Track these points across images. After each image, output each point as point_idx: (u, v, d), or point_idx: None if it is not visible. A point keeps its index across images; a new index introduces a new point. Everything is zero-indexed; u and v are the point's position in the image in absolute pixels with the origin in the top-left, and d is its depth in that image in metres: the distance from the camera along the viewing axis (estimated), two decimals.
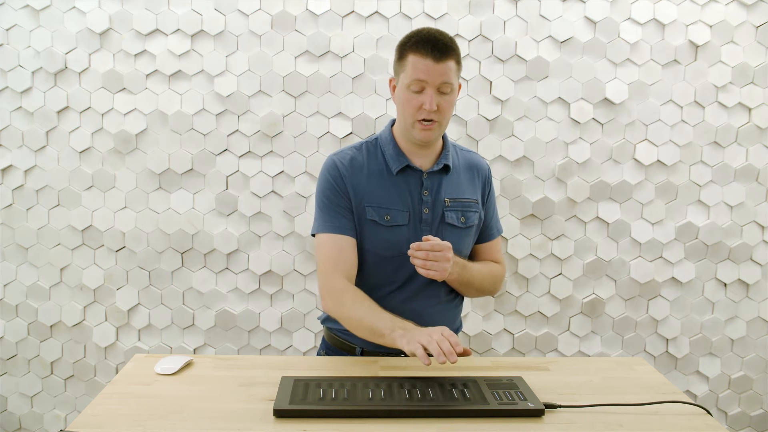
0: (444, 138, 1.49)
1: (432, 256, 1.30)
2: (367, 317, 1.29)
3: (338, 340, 1.51)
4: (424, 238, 1.31)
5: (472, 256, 1.58)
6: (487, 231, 1.55)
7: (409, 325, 1.25)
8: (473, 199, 1.48)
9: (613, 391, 1.20)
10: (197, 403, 1.11)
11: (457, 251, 1.42)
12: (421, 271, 1.32)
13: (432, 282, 1.42)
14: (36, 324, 2.24)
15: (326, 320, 1.54)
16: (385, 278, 1.43)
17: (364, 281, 1.43)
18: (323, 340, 1.58)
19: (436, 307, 1.46)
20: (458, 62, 1.37)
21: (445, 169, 1.45)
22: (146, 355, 1.34)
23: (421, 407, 1.07)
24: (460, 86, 1.43)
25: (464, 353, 1.17)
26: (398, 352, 1.42)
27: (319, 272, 1.40)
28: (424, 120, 1.35)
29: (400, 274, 1.42)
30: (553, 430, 1.03)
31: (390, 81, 1.43)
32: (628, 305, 2.26)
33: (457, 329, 1.56)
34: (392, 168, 1.42)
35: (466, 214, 1.45)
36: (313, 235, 1.44)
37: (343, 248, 1.38)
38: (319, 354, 1.58)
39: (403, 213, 1.41)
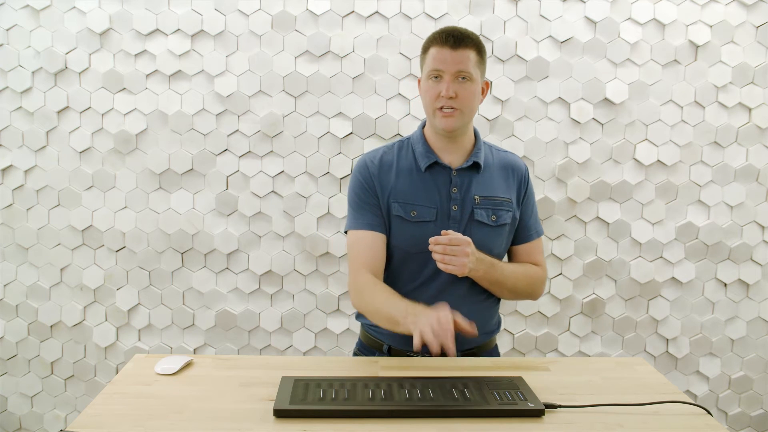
0: (476, 136, 1.49)
1: (450, 250, 1.30)
2: (384, 306, 1.31)
3: (369, 337, 1.52)
4: (443, 232, 1.32)
5: (510, 258, 1.57)
6: (525, 232, 1.52)
7: (420, 308, 1.26)
8: (506, 198, 1.46)
9: (613, 391, 1.20)
10: (197, 403, 1.11)
11: (488, 250, 1.41)
12: (440, 265, 1.32)
13: (458, 280, 1.41)
14: (36, 324, 2.24)
15: (359, 316, 1.55)
16: (411, 275, 1.43)
17: (391, 278, 1.45)
18: (358, 339, 1.59)
19: (466, 307, 1.42)
20: (479, 54, 1.38)
21: (476, 166, 1.45)
22: (146, 355, 1.34)
23: (421, 407, 1.06)
24: (488, 84, 1.45)
25: (468, 332, 1.20)
26: (420, 352, 1.42)
27: (349, 269, 1.44)
28: (443, 108, 1.37)
29: (426, 270, 1.42)
30: (553, 430, 1.03)
31: (418, 81, 1.46)
32: (628, 305, 2.26)
33: (492, 331, 1.54)
34: (421, 165, 1.43)
35: (497, 212, 1.44)
36: (346, 233, 1.48)
37: (370, 245, 1.41)
38: (354, 353, 1.59)
39: (430, 209, 1.41)
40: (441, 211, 1.41)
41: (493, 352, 1.56)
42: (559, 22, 2.13)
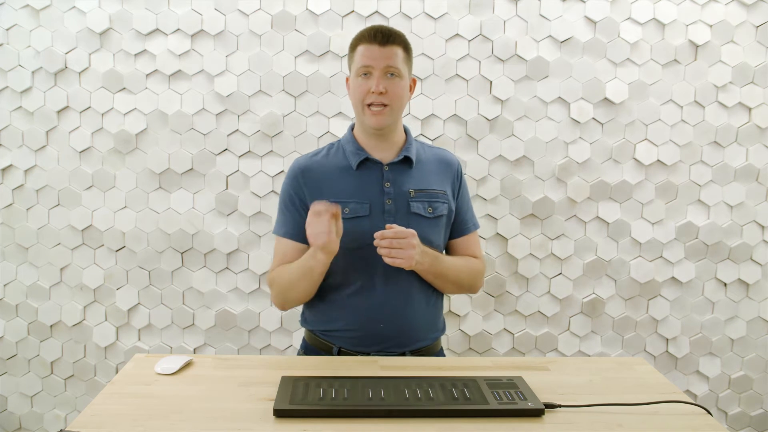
0: (407, 132, 1.52)
1: (396, 243, 1.32)
2: (294, 270, 1.39)
3: (317, 340, 1.52)
4: (387, 226, 1.34)
5: (448, 252, 1.58)
6: (461, 225, 1.55)
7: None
8: (441, 191, 1.49)
9: (613, 391, 1.20)
10: (197, 403, 1.11)
11: (427, 241, 1.43)
12: (386, 259, 1.34)
13: (404, 275, 1.42)
14: (36, 324, 2.24)
15: (304, 322, 1.57)
16: (355, 273, 1.44)
17: (335, 278, 1.45)
18: (303, 340, 1.59)
19: (415, 304, 1.45)
20: (406, 51, 1.43)
21: (407, 161, 1.47)
22: (146, 355, 1.34)
23: (421, 407, 1.07)
24: (414, 81, 1.50)
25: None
26: (372, 351, 1.45)
27: None
28: (372, 105, 1.40)
29: (369, 267, 1.43)
30: (553, 430, 1.03)
31: (346, 80, 1.49)
32: (628, 305, 2.26)
33: (439, 331, 1.55)
34: (352, 163, 1.46)
35: (433, 204, 1.46)
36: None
37: (285, 251, 1.48)
38: (298, 353, 1.59)
39: (364, 205, 1.43)
40: (374, 206, 1.43)
41: (439, 354, 1.57)
42: (559, 21, 2.13)
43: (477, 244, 1.59)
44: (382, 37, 1.38)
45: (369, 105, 1.40)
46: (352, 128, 1.53)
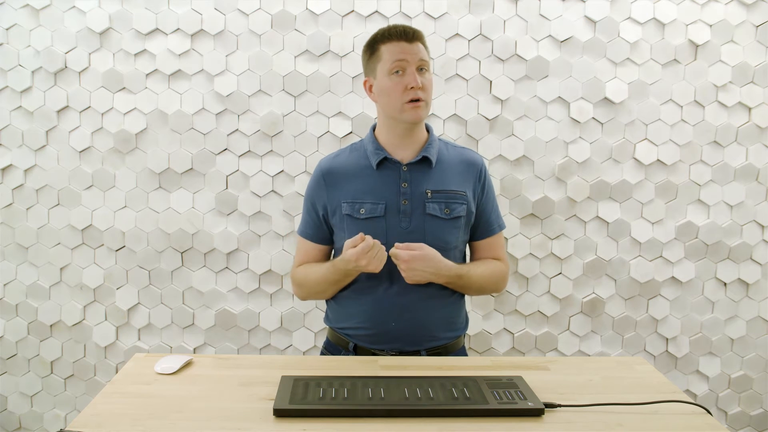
0: (429, 131, 1.52)
1: (406, 266, 1.36)
2: (324, 277, 1.45)
3: (337, 336, 1.54)
4: (396, 245, 1.37)
5: (472, 253, 1.58)
6: (486, 226, 1.54)
7: (341, 258, 1.39)
8: (460, 191, 1.47)
9: (613, 390, 1.20)
10: (197, 402, 1.11)
11: (443, 242, 1.43)
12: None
13: None
14: (36, 323, 2.24)
15: (326, 320, 1.59)
16: (371, 273, 1.44)
17: (354, 278, 1.47)
18: (326, 337, 1.61)
19: (428, 302, 1.46)
20: (427, 49, 1.44)
21: (427, 161, 1.47)
22: (146, 355, 1.34)
23: (421, 407, 1.07)
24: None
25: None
26: (387, 349, 1.46)
27: None
28: (412, 100, 1.39)
29: (384, 267, 1.42)
30: (553, 429, 1.03)
31: (365, 83, 1.48)
32: (628, 305, 2.26)
33: (460, 329, 1.54)
34: (372, 162, 1.46)
35: (450, 205, 1.45)
36: None
37: (306, 251, 1.55)
38: (321, 352, 1.61)
39: (379, 205, 1.43)
40: (390, 206, 1.43)
41: (461, 352, 1.56)
42: (559, 21, 2.13)
43: (501, 245, 1.57)
44: (409, 35, 1.39)
45: (408, 101, 1.40)
46: (373, 129, 1.52)
